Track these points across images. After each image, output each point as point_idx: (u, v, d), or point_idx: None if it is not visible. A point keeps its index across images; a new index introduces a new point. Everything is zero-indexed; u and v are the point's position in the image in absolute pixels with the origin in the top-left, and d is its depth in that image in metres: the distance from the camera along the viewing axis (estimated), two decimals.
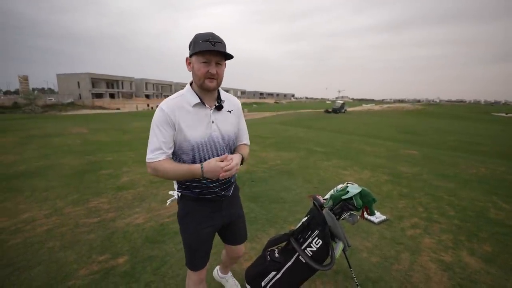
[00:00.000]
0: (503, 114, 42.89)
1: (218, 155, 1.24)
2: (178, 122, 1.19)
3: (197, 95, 1.23)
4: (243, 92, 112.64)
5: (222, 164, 1.12)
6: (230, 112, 1.33)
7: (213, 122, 1.26)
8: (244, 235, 1.61)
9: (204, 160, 1.19)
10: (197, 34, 1.15)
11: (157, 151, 1.18)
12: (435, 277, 2.11)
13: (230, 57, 1.18)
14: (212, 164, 1.13)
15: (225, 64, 1.22)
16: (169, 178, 1.21)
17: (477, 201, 3.70)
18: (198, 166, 1.16)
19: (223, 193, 1.35)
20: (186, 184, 1.30)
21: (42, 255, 2.25)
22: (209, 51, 1.12)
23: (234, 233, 1.55)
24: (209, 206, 1.35)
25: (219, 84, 1.23)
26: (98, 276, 2.01)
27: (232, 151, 1.37)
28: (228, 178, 1.27)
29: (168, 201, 1.44)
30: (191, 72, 1.22)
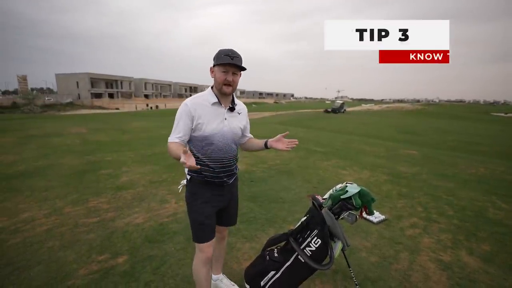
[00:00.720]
0: (503, 114, 42.93)
1: (226, 145, 1.57)
2: (198, 115, 1.49)
3: (216, 96, 1.54)
4: (242, 92, 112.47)
5: (182, 159, 1.24)
6: (239, 113, 1.66)
7: (225, 119, 1.56)
8: (235, 219, 1.87)
9: (214, 146, 1.52)
10: (220, 50, 1.47)
11: (174, 135, 1.49)
12: (434, 277, 2.11)
13: (243, 69, 1.49)
14: (179, 156, 1.26)
15: (240, 74, 1.53)
16: (172, 156, 1.45)
17: (476, 201, 3.71)
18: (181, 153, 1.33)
19: (225, 179, 1.60)
20: None
21: (42, 255, 2.25)
22: (228, 63, 1.42)
23: (228, 215, 1.78)
24: (213, 189, 1.60)
25: (234, 90, 1.53)
26: (97, 276, 2.01)
27: (237, 142, 1.69)
28: (232, 167, 1.63)
29: (179, 187, 1.74)
30: (213, 78, 1.53)
